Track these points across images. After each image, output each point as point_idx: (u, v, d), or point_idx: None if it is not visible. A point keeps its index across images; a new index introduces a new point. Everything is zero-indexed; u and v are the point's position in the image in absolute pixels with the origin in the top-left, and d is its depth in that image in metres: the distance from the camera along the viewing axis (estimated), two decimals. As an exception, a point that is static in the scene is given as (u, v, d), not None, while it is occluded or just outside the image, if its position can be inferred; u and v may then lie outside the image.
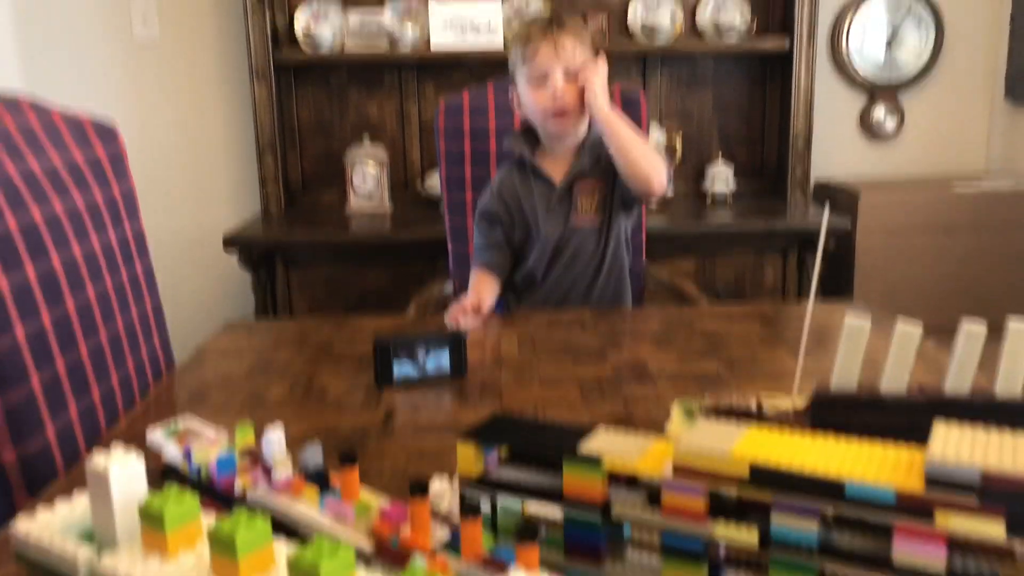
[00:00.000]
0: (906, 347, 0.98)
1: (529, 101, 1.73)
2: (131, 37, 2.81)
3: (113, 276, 1.29)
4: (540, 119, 1.74)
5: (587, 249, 1.78)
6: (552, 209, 1.78)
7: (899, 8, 2.85)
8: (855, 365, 1.00)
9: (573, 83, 1.69)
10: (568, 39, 1.68)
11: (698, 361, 1.38)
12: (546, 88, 1.69)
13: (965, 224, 2.64)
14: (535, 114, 1.74)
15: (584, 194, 1.77)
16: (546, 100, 1.69)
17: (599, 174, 1.77)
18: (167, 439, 1.03)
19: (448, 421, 1.17)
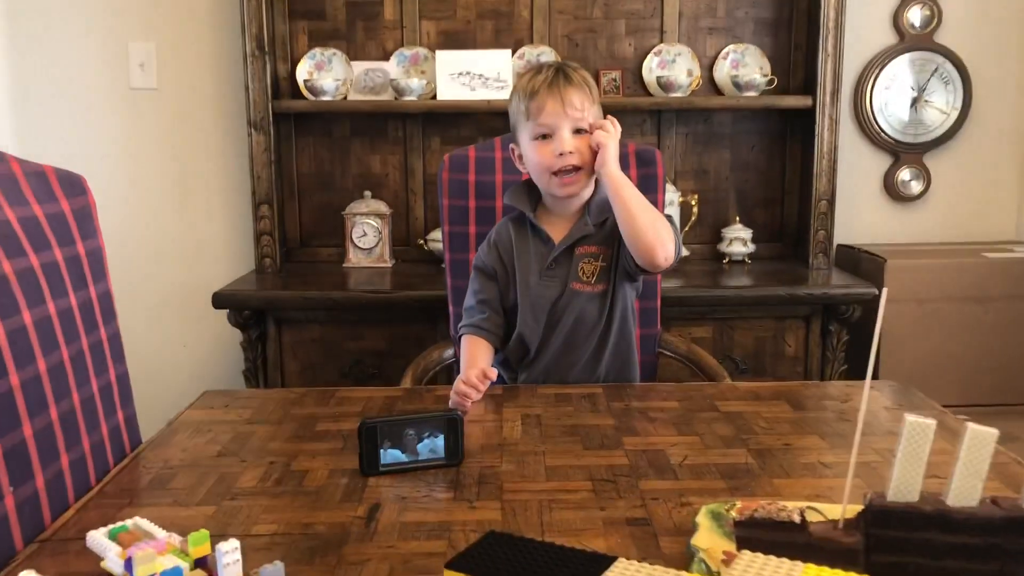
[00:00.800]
0: (979, 452, 0.84)
1: (532, 158, 1.62)
2: (128, 85, 2.72)
3: (70, 344, 1.15)
4: (543, 178, 1.63)
5: (588, 318, 1.64)
6: (548, 271, 1.66)
7: (925, 66, 2.74)
8: (917, 472, 0.85)
9: (580, 141, 1.59)
10: (576, 95, 1.58)
11: (723, 449, 1.23)
12: (551, 145, 1.59)
13: (998, 293, 2.50)
14: (538, 172, 1.63)
15: (586, 259, 1.65)
16: (551, 158, 1.59)
17: (603, 240, 1.65)
18: (110, 541, 0.88)
19: (440, 520, 1.02)
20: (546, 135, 1.59)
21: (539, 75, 1.61)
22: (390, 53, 2.66)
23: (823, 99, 2.54)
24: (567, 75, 1.60)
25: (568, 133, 1.58)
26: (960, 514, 0.83)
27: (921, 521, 0.83)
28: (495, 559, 0.66)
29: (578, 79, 1.60)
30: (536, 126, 1.59)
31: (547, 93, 1.58)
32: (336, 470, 1.17)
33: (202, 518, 1.03)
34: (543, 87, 1.59)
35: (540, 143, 1.60)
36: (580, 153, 1.58)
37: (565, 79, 1.59)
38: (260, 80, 2.51)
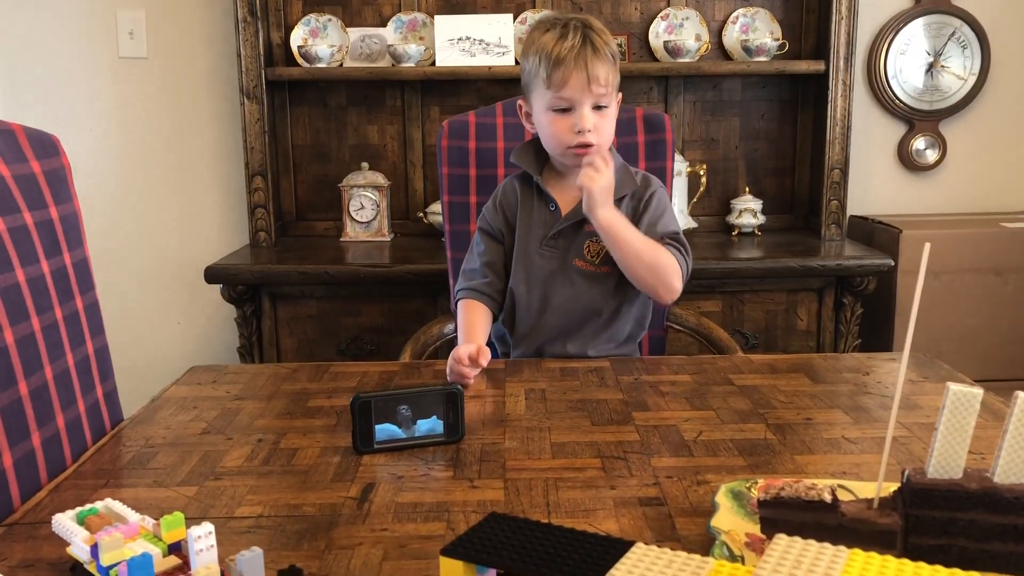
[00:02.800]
0: None
1: (546, 128, 1.51)
2: (117, 54, 2.63)
3: (42, 315, 1.07)
4: (557, 149, 1.52)
5: (587, 300, 1.55)
6: (550, 241, 1.56)
7: (941, 29, 2.65)
8: (961, 446, 0.76)
9: (600, 117, 1.48)
10: (602, 68, 1.45)
11: (740, 424, 1.16)
12: (569, 120, 1.47)
13: (1016, 264, 2.42)
14: (551, 142, 1.52)
15: (593, 238, 1.53)
16: (567, 134, 1.48)
17: None
18: (77, 526, 0.81)
19: (438, 500, 0.95)
20: (565, 109, 1.47)
21: (564, 40, 1.46)
22: (387, 19, 2.57)
23: (836, 64, 2.45)
24: (595, 45, 1.46)
25: (589, 110, 1.46)
26: (1010, 492, 0.74)
27: (966, 500, 0.75)
28: (496, 544, 0.58)
29: (606, 49, 1.47)
30: (556, 98, 1.47)
31: (573, 65, 1.44)
32: (328, 448, 1.10)
33: (182, 500, 0.96)
34: (569, 56, 1.44)
35: (557, 115, 1.48)
36: (599, 131, 1.48)
37: (593, 50, 1.45)
38: (252, 47, 2.42)
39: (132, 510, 0.83)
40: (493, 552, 0.58)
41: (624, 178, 1.55)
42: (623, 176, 1.55)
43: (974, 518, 0.75)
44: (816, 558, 0.52)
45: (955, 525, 0.75)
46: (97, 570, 0.75)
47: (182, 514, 0.76)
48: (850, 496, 0.87)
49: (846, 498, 0.82)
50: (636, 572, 0.54)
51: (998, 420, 1.15)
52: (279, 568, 0.72)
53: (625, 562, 0.55)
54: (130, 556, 0.71)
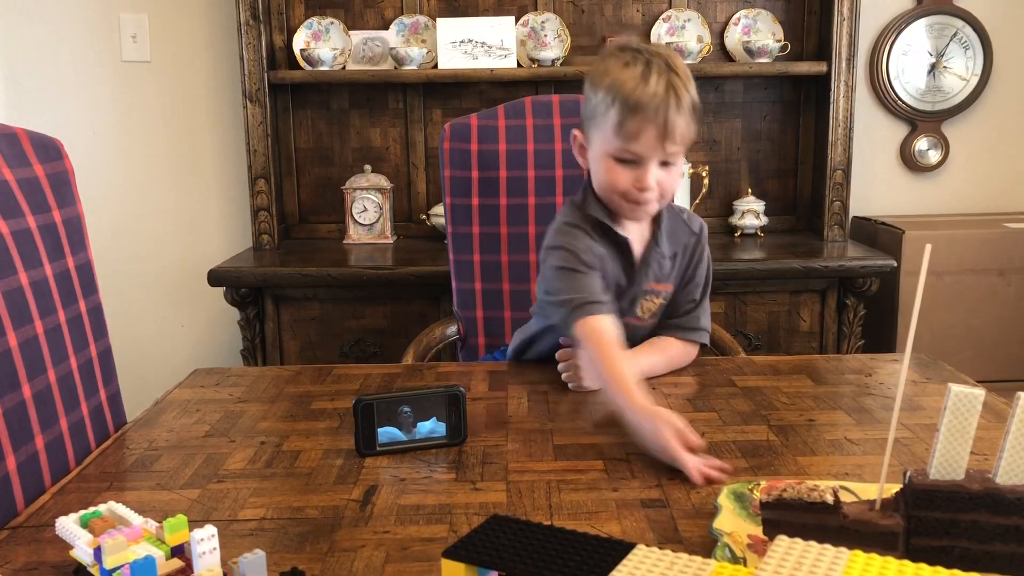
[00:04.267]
0: None
1: (603, 174, 1.34)
2: (120, 57, 2.63)
3: (46, 318, 1.08)
4: (609, 194, 1.36)
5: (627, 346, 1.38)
6: (624, 290, 1.40)
7: (943, 30, 2.64)
8: (963, 447, 0.76)
9: (665, 173, 1.32)
10: (682, 123, 1.28)
11: (742, 426, 1.16)
12: (632, 173, 1.31)
13: (1019, 264, 2.41)
14: (604, 186, 1.35)
15: (648, 296, 1.42)
16: (627, 185, 1.32)
17: (670, 276, 1.44)
18: (80, 529, 0.81)
19: (440, 502, 0.95)
20: (630, 160, 1.32)
21: (646, 85, 1.27)
22: (389, 21, 2.57)
23: (838, 65, 2.45)
24: (678, 95, 1.28)
25: (656, 167, 1.31)
26: (1012, 494, 0.74)
27: (968, 501, 0.75)
28: (498, 546, 0.58)
29: (688, 99, 1.29)
30: (623, 149, 1.30)
31: (652, 118, 1.27)
32: (331, 450, 1.10)
33: (185, 502, 0.96)
34: (649, 106, 1.27)
35: (619, 165, 1.32)
36: (661, 188, 1.32)
37: (676, 102, 1.27)
38: (255, 50, 2.42)
39: (135, 513, 0.83)
40: (495, 554, 0.58)
41: (677, 228, 1.44)
42: (675, 226, 1.44)
43: (976, 519, 0.75)
44: (817, 560, 0.52)
45: (957, 526, 0.75)
46: (100, 573, 0.75)
47: (185, 517, 0.76)
48: (852, 498, 0.87)
49: (848, 500, 0.82)
50: (637, 574, 0.54)
51: (1001, 421, 1.15)
52: (281, 571, 0.73)
53: (627, 564, 0.55)
54: (133, 559, 0.71)
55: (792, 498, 0.78)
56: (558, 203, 1.84)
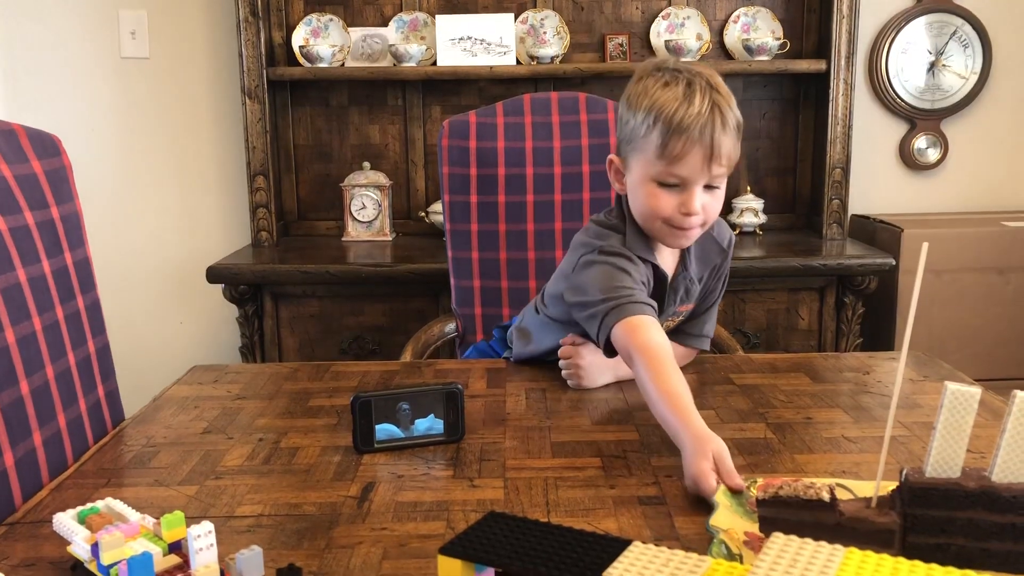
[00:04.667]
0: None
1: (645, 200, 1.27)
2: (119, 54, 2.63)
3: (43, 314, 1.08)
4: (651, 221, 1.29)
5: None
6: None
7: (943, 28, 2.64)
8: (959, 445, 0.76)
9: (709, 196, 1.26)
10: (727, 143, 1.23)
11: (740, 424, 1.16)
12: (677, 198, 1.25)
13: (1018, 263, 2.41)
14: (645, 213, 1.29)
15: (671, 317, 1.40)
16: (670, 211, 1.25)
17: (698, 298, 1.42)
18: (78, 525, 0.81)
19: (438, 499, 0.95)
20: (674, 185, 1.25)
21: (691, 105, 1.21)
22: (388, 18, 2.57)
23: (838, 63, 2.45)
24: (723, 115, 1.22)
25: (701, 190, 1.25)
26: (1008, 491, 0.74)
27: (964, 499, 0.75)
28: (495, 542, 0.58)
29: (732, 118, 1.24)
30: (667, 172, 1.24)
31: (697, 139, 1.21)
32: (329, 447, 1.10)
33: (183, 499, 0.96)
34: (694, 127, 1.20)
35: (661, 189, 1.25)
36: (706, 213, 1.26)
37: (722, 122, 1.22)
38: (254, 47, 2.42)
39: (133, 509, 0.83)
40: (491, 551, 0.58)
41: (707, 249, 1.39)
42: (706, 247, 1.39)
43: (972, 517, 0.75)
44: (812, 557, 0.52)
45: (953, 524, 0.75)
46: (98, 569, 0.75)
47: (182, 513, 0.77)
48: (849, 495, 0.87)
49: (845, 497, 0.82)
50: (633, 570, 0.54)
51: (998, 419, 1.15)
52: (278, 567, 0.73)
53: (622, 560, 0.55)
54: (130, 555, 0.71)
55: (788, 495, 0.78)
56: (556, 200, 1.84)
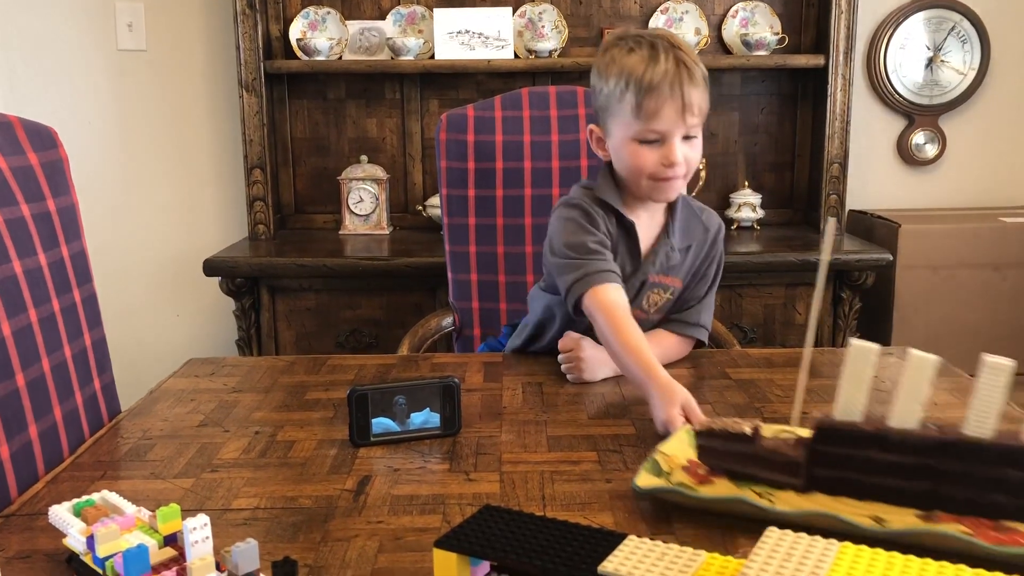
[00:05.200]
0: (920, 377, 0.85)
1: (628, 159, 1.35)
2: (116, 46, 2.62)
3: (40, 307, 1.08)
4: (637, 180, 1.36)
5: None
6: (629, 277, 1.39)
7: (941, 24, 2.64)
8: (861, 393, 0.88)
9: (689, 147, 1.34)
10: (697, 95, 1.31)
11: (736, 418, 1.15)
12: (658, 152, 1.32)
13: (1015, 259, 2.42)
14: (632, 172, 1.36)
15: (656, 290, 1.42)
16: (655, 166, 1.33)
17: (681, 271, 1.43)
18: (74, 517, 0.81)
19: (434, 492, 0.95)
20: (654, 140, 1.33)
21: (656, 64, 1.30)
22: (386, 12, 2.57)
23: (836, 58, 2.45)
24: (689, 69, 1.30)
25: (679, 141, 1.32)
26: (898, 435, 0.83)
27: (862, 439, 0.85)
28: (491, 536, 0.58)
29: (698, 71, 1.32)
30: (646, 130, 1.31)
31: (668, 94, 1.29)
32: (325, 440, 1.10)
33: (179, 491, 0.96)
34: (663, 84, 1.28)
35: (644, 147, 1.33)
36: (687, 163, 1.35)
37: (688, 76, 1.30)
38: (251, 40, 2.42)
39: (129, 502, 0.83)
40: (486, 544, 0.58)
41: (691, 223, 1.45)
42: (690, 221, 1.45)
43: (869, 455, 0.85)
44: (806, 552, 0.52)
45: (852, 461, 0.86)
46: (93, 561, 0.75)
47: (178, 506, 0.77)
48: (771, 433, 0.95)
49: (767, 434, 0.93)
50: (628, 564, 0.54)
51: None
52: (274, 560, 0.73)
53: (617, 554, 0.55)
54: (126, 547, 0.71)
55: (719, 429, 0.92)
56: (554, 194, 1.84)
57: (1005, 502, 0.80)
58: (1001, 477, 0.80)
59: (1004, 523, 0.79)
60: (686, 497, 0.88)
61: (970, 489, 0.81)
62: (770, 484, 0.89)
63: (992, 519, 0.80)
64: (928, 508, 0.83)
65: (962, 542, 0.75)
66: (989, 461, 0.80)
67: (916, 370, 0.84)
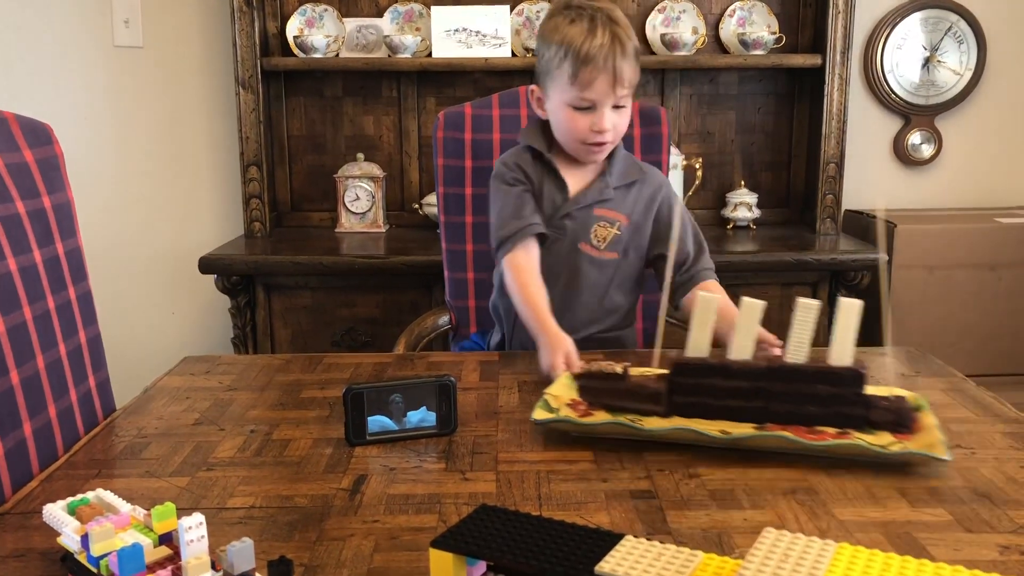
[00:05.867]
0: (750, 319, 1.09)
1: (563, 122, 1.50)
2: (112, 42, 2.62)
3: (34, 304, 1.07)
4: (571, 143, 1.52)
5: (589, 283, 1.54)
6: (557, 221, 1.54)
7: (938, 24, 2.64)
8: (706, 337, 1.11)
9: (618, 116, 1.48)
10: (628, 68, 1.44)
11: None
12: (589, 118, 1.47)
13: (1010, 259, 2.42)
14: (566, 135, 1.51)
15: (601, 223, 1.54)
16: (585, 131, 1.47)
17: (625, 207, 1.56)
18: (68, 516, 0.81)
19: (430, 492, 0.95)
20: (587, 108, 1.46)
21: (593, 37, 1.42)
22: (383, 9, 2.56)
23: (833, 58, 2.45)
24: (623, 44, 1.43)
25: (610, 110, 1.46)
26: (736, 365, 1.07)
27: (708, 370, 1.08)
28: (487, 536, 0.58)
29: (631, 47, 1.45)
30: (579, 97, 1.45)
31: (601, 66, 1.42)
32: (320, 439, 1.10)
33: (174, 490, 0.96)
34: (599, 56, 1.42)
35: (576, 112, 1.47)
36: (616, 130, 1.48)
37: (621, 50, 1.43)
38: (248, 36, 2.41)
39: (123, 500, 0.83)
40: (483, 544, 0.58)
41: (630, 166, 1.58)
42: (629, 164, 1.58)
43: (714, 383, 1.07)
44: (804, 552, 0.52)
45: (702, 388, 1.08)
46: (87, 560, 0.75)
47: (173, 505, 0.76)
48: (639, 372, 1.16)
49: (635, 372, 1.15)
50: (625, 564, 0.54)
51: (988, 413, 1.16)
52: (270, 559, 0.72)
53: (614, 555, 0.55)
54: (121, 546, 0.71)
55: (596, 371, 1.12)
56: (551, 193, 1.84)
57: (817, 412, 1.04)
58: (813, 393, 1.04)
59: (816, 428, 1.04)
60: (574, 425, 1.07)
61: (792, 403, 1.04)
62: (639, 412, 1.09)
63: (808, 426, 1.04)
64: (762, 422, 1.06)
65: (786, 440, 0.99)
66: (805, 380, 1.04)
67: (747, 313, 1.08)
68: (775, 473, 0.98)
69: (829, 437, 1.02)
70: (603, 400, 1.11)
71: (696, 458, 1.02)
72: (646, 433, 1.04)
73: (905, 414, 1.05)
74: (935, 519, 0.87)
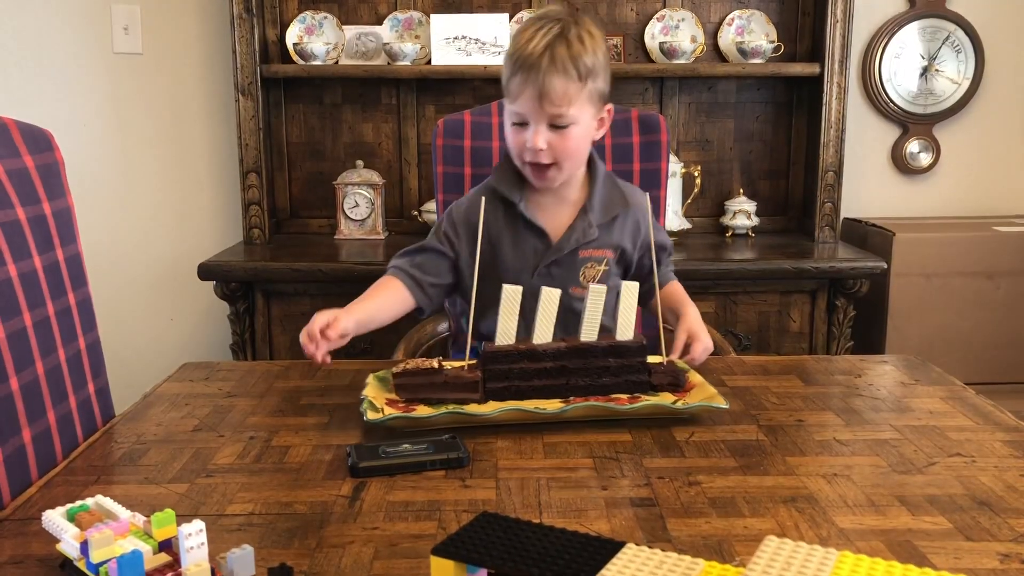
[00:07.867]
0: (550, 308, 1.20)
1: (508, 137, 1.38)
2: (111, 49, 2.62)
3: (34, 310, 1.07)
4: (516, 161, 1.40)
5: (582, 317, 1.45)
6: (544, 271, 1.42)
7: (936, 33, 2.65)
8: (511, 325, 1.20)
9: (558, 137, 1.32)
10: (559, 82, 1.28)
11: (732, 426, 1.16)
12: (524, 134, 1.34)
13: (1008, 268, 2.42)
14: (512, 153, 1.40)
15: (589, 264, 1.43)
16: (521, 147, 1.35)
17: (609, 242, 1.45)
18: (67, 522, 0.81)
19: (430, 499, 0.95)
20: (522, 123, 1.34)
21: (528, 44, 1.29)
22: (383, 17, 2.57)
23: (831, 67, 2.45)
24: (554, 56, 1.28)
25: (544, 128, 1.31)
26: (540, 347, 1.19)
27: (517, 356, 1.19)
28: (487, 544, 0.58)
29: (569, 62, 1.28)
30: (512, 111, 1.34)
31: (529, 80, 1.28)
32: (320, 446, 1.10)
33: (174, 497, 0.96)
34: (526, 67, 1.29)
35: (514, 127, 1.35)
36: (553, 150, 1.32)
37: (552, 62, 1.27)
38: (248, 44, 2.41)
39: (123, 507, 0.82)
40: (484, 552, 0.58)
41: (613, 196, 1.45)
42: (611, 194, 1.45)
43: (523, 367, 1.19)
44: (806, 560, 0.52)
45: (512, 372, 1.19)
46: (87, 567, 0.74)
47: (173, 511, 0.76)
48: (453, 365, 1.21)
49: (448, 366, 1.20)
50: (627, 573, 0.54)
51: (988, 421, 1.16)
52: (269, 566, 0.72)
53: (616, 563, 0.55)
54: (120, 553, 0.71)
55: (413, 368, 1.18)
56: (550, 201, 1.84)
57: (610, 382, 1.20)
58: (606, 366, 1.20)
59: (612, 396, 1.19)
60: (405, 420, 1.12)
61: (589, 377, 1.20)
62: (457, 402, 1.16)
63: (604, 395, 1.19)
64: (566, 396, 1.19)
65: (589, 408, 1.14)
66: (598, 356, 1.19)
67: (546, 302, 1.19)
68: (775, 481, 0.98)
69: (625, 402, 1.16)
70: (422, 395, 1.17)
71: (696, 467, 1.02)
72: (472, 417, 1.12)
73: (679, 375, 1.23)
74: (935, 527, 0.87)
